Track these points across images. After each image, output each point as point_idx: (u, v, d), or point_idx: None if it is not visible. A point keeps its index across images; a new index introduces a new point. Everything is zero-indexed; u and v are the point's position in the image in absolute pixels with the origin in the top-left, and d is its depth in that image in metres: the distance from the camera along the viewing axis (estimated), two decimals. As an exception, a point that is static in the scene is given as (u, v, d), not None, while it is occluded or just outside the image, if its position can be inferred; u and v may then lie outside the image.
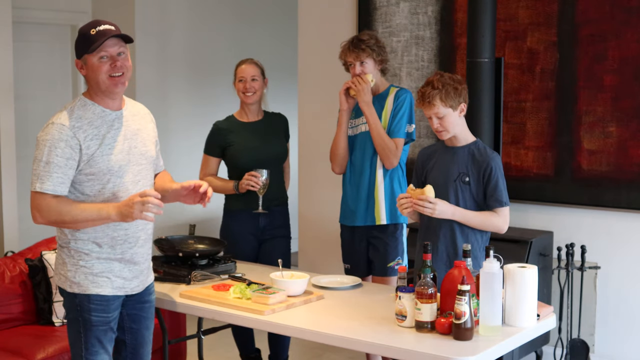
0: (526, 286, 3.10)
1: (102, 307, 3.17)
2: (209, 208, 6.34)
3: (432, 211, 3.42)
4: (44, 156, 3.04)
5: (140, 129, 3.27)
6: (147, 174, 3.28)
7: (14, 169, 5.59)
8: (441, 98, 3.44)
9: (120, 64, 3.10)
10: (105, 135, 3.13)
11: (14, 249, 5.42)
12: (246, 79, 4.37)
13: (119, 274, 3.19)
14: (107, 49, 3.08)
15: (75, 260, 3.15)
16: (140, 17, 6.60)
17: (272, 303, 3.38)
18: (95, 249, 3.14)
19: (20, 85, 5.99)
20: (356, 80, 4.06)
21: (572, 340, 4.61)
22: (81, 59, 3.14)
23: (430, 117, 3.51)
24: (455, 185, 3.51)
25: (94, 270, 3.15)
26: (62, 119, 3.09)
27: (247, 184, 4.22)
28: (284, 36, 7.55)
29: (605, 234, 4.73)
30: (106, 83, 3.11)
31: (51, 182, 3.03)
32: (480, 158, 3.51)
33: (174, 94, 6.95)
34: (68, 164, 3.05)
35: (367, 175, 4.14)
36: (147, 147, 3.28)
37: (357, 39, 4.13)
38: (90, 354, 3.20)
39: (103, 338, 3.20)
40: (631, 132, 4.58)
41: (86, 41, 3.09)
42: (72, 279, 3.16)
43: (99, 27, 3.09)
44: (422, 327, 3.05)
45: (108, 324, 3.21)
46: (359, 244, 4.22)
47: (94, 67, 3.10)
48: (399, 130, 4.08)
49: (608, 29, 4.61)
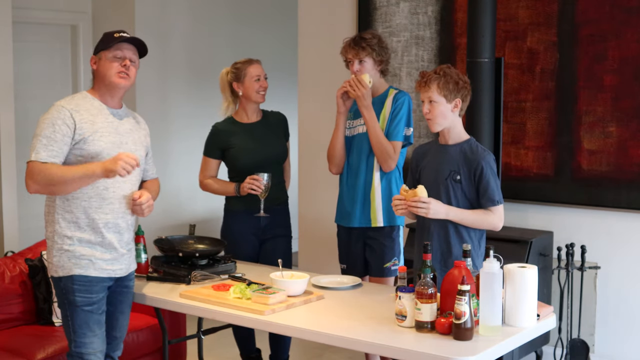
0: (526, 286, 3.10)
1: (85, 288, 3.35)
2: (209, 208, 6.29)
3: (427, 211, 3.42)
4: (42, 131, 3.30)
5: (132, 130, 3.52)
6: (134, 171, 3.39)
7: (14, 169, 5.59)
8: (438, 84, 3.46)
9: (129, 65, 3.40)
10: (99, 124, 3.37)
11: (14, 249, 5.42)
12: (262, 77, 4.38)
13: (100, 257, 3.38)
14: (123, 50, 3.41)
15: (59, 245, 3.36)
16: (140, 17, 6.60)
17: (272, 303, 3.38)
18: (77, 234, 3.34)
19: (20, 85, 5.99)
20: (354, 84, 4.03)
21: (572, 340, 4.61)
22: (97, 54, 3.43)
23: (423, 101, 3.52)
24: (447, 183, 3.51)
25: (76, 253, 3.35)
26: (62, 102, 3.38)
27: (249, 187, 4.21)
28: (284, 36, 7.55)
29: (605, 234, 4.73)
30: (112, 78, 3.39)
31: (46, 153, 3.27)
32: (472, 157, 3.51)
33: (173, 94, 6.94)
34: (64, 140, 3.29)
35: (364, 177, 4.13)
36: (136, 147, 3.51)
37: (360, 37, 4.12)
38: (78, 337, 3.35)
39: (89, 319, 3.36)
40: (631, 132, 4.58)
41: (107, 40, 3.41)
42: (56, 264, 3.37)
43: (123, 34, 3.43)
44: (422, 327, 3.05)
45: (92, 304, 3.36)
46: (355, 245, 4.21)
47: (106, 64, 3.39)
48: (397, 133, 4.08)
49: (608, 29, 4.61)
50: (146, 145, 3.61)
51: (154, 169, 3.74)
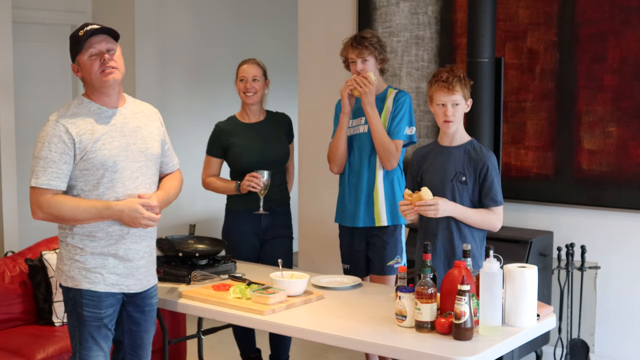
0: (526, 286, 3.11)
1: (93, 303, 3.21)
2: (209, 208, 6.30)
3: (436, 212, 3.42)
4: (39, 152, 3.15)
5: (140, 127, 3.33)
6: (146, 171, 3.31)
7: (14, 169, 5.59)
8: (461, 86, 3.48)
9: (108, 57, 3.18)
10: (100, 131, 3.20)
11: (14, 249, 5.42)
12: (247, 78, 4.36)
13: (112, 270, 3.23)
14: (95, 45, 3.18)
15: (71, 255, 3.22)
16: (140, 17, 6.60)
17: (272, 303, 3.38)
18: (89, 244, 3.20)
19: (20, 85, 5.99)
20: (360, 81, 4.01)
21: (572, 340, 4.61)
22: (75, 62, 3.24)
23: (444, 104, 3.49)
24: (452, 185, 3.51)
25: (87, 265, 3.20)
26: (57, 116, 3.20)
27: (248, 184, 4.22)
28: (284, 36, 7.55)
29: (605, 234, 4.73)
30: (98, 79, 3.19)
31: (45, 177, 3.13)
32: (477, 157, 3.52)
33: (173, 93, 6.94)
34: (62, 158, 3.14)
35: (366, 177, 4.12)
36: (147, 145, 3.32)
37: (360, 36, 4.11)
38: (83, 349, 3.25)
39: (96, 335, 3.24)
40: (631, 132, 4.58)
41: (76, 42, 3.20)
42: (67, 273, 3.23)
43: (86, 27, 3.20)
44: (422, 327, 3.05)
45: (100, 320, 3.23)
46: (358, 245, 4.21)
47: (86, 66, 3.19)
48: (399, 132, 4.08)
49: (608, 29, 4.61)
50: (160, 137, 3.41)
51: (174, 160, 3.53)
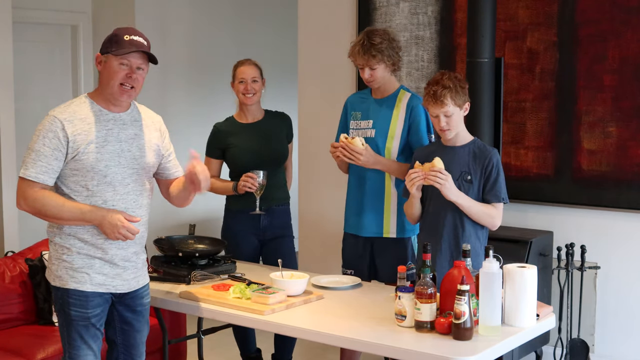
0: (526, 286, 3.11)
1: (80, 303, 3.21)
2: (209, 208, 6.30)
3: (444, 182, 3.40)
4: (33, 144, 3.15)
5: (138, 135, 3.31)
6: (138, 178, 3.29)
7: (14, 169, 5.59)
8: (452, 96, 3.47)
9: (135, 76, 3.20)
10: (97, 134, 3.18)
11: (14, 249, 5.42)
12: (247, 80, 4.35)
13: (99, 271, 3.23)
14: (131, 59, 3.18)
15: (58, 254, 3.24)
16: (140, 17, 6.60)
17: (271, 303, 3.38)
18: (76, 244, 3.21)
19: (20, 85, 5.99)
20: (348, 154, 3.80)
21: (572, 340, 4.61)
22: (104, 55, 3.22)
23: (437, 116, 3.50)
24: (458, 184, 3.52)
25: (74, 265, 3.21)
26: (56, 111, 3.19)
27: (244, 185, 4.21)
28: (284, 36, 7.55)
29: (605, 234, 4.73)
30: (115, 89, 3.20)
31: (34, 170, 3.13)
32: (481, 154, 3.55)
33: (173, 93, 6.94)
34: (54, 154, 3.13)
35: (375, 184, 3.97)
36: (142, 153, 3.31)
37: (369, 43, 3.86)
38: (72, 348, 3.26)
39: (85, 334, 3.24)
40: (631, 132, 4.58)
41: (116, 43, 3.19)
42: (55, 272, 3.25)
43: (134, 36, 3.21)
44: (421, 327, 3.05)
45: (88, 319, 3.23)
46: (363, 250, 4.06)
47: (111, 70, 3.19)
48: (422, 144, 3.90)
49: (608, 29, 4.61)
50: (157, 147, 3.39)
51: (178, 168, 3.53)
